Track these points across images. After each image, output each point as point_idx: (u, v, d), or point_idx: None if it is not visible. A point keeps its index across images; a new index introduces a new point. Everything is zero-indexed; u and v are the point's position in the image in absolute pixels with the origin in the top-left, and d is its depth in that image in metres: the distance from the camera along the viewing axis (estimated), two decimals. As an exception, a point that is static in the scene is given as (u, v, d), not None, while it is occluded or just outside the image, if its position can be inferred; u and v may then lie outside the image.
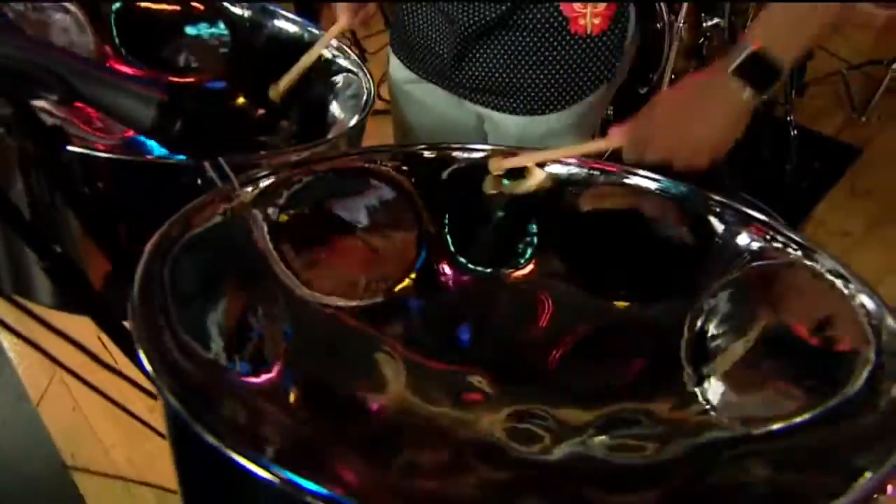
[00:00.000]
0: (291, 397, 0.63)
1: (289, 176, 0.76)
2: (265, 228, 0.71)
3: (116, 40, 1.08)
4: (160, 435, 0.75)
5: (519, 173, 0.80)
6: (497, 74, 0.92)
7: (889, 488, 0.44)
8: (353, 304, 0.76)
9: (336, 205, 0.80)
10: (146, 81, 0.53)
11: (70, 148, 0.68)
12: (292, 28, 1.19)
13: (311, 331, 0.70)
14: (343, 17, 1.01)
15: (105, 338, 0.77)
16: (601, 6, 0.84)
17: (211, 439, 0.42)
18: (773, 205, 1.98)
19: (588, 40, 0.86)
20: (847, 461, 0.50)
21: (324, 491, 0.40)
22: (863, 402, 0.54)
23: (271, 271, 0.70)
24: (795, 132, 2.09)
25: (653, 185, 0.77)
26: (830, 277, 0.62)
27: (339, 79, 1.12)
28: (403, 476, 0.61)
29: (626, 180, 0.78)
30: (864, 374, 0.55)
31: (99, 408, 1.41)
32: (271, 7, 1.20)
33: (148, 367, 0.47)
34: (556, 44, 0.87)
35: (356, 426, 0.65)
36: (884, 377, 0.54)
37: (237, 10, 1.18)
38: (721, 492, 0.56)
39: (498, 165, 0.80)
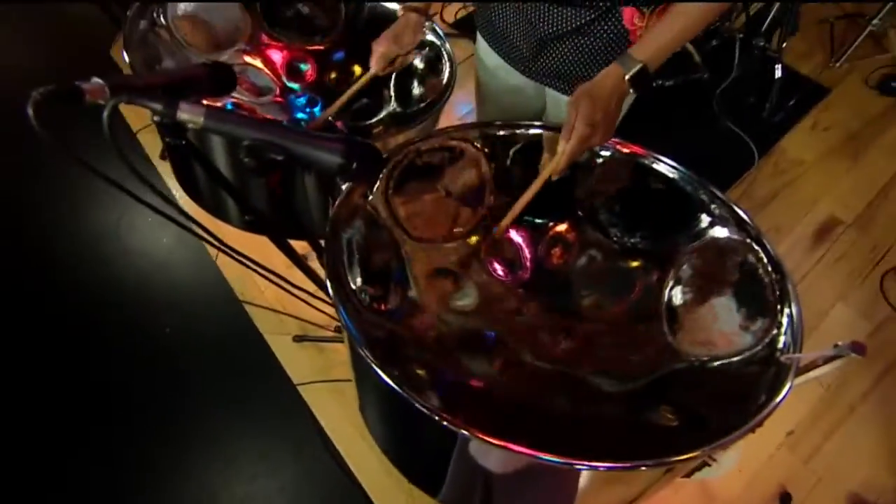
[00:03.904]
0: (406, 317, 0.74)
1: (398, 159, 0.80)
2: (384, 206, 0.78)
3: (264, 21, 1.08)
4: (293, 286, 0.87)
5: None
6: (566, 67, 0.89)
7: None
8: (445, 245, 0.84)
9: (432, 176, 0.85)
10: (330, 137, 0.59)
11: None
12: (389, 5, 1.13)
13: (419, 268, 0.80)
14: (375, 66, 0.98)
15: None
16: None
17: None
18: (750, 132, 1.94)
19: None
20: (743, 395, 0.61)
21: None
22: (762, 358, 0.64)
23: (393, 235, 0.79)
24: (781, 74, 1.95)
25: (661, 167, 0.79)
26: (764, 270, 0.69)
27: (426, 52, 1.08)
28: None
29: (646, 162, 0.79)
30: (767, 339, 0.65)
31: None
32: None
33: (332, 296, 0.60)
34: (617, 48, 0.84)
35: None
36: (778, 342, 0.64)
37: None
38: (669, 395, 0.69)
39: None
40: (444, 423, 0.49)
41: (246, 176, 0.83)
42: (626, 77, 0.72)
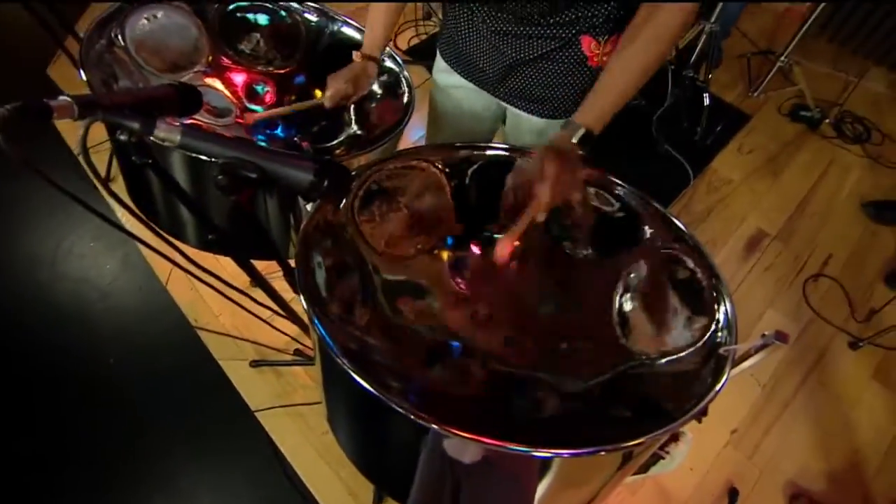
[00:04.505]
0: (376, 329, 0.77)
1: (362, 179, 0.83)
2: (350, 223, 0.81)
3: (223, 43, 1.10)
4: (257, 303, 0.87)
5: None
6: (531, 89, 0.95)
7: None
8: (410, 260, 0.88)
9: (395, 196, 0.88)
10: (302, 156, 0.62)
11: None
12: (349, 31, 1.18)
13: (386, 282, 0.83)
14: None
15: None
16: (608, 48, 0.88)
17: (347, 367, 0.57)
18: (685, 154, 2.12)
19: (598, 71, 0.90)
20: (689, 388, 0.68)
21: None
22: (704, 352, 0.71)
23: (359, 251, 0.82)
24: (709, 102, 2.15)
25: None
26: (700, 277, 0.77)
27: (384, 78, 1.13)
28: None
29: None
30: (707, 335, 0.72)
31: (208, 287, 1.55)
32: (331, 13, 1.17)
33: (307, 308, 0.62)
34: (577, 72, 0.91)
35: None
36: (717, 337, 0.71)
37: (309, 16, 1.16)
38: (624, 391, 0.75)
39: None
40: (419, 420, 0.52)
41: (208, 195, 0.84)
42: (574, 141, 0.77)
